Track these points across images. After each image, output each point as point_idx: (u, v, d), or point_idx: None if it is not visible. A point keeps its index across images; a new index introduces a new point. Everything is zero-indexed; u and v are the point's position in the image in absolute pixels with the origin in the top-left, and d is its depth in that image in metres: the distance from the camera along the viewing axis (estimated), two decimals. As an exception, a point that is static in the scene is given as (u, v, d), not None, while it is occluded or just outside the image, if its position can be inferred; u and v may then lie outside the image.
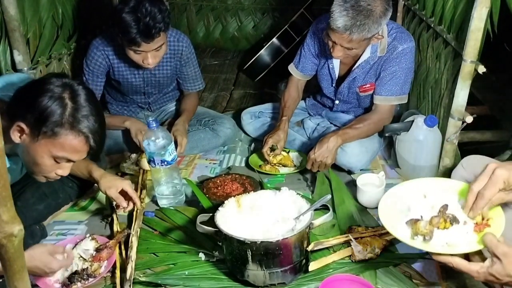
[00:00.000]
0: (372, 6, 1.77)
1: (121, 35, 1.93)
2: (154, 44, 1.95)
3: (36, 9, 2.12)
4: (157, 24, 1.88)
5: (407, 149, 2.03)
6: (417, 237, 1.16)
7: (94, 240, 1.61)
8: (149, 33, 1.88)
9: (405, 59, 2.02)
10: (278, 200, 1.54)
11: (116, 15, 1.91)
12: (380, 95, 2.09)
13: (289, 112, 2.25)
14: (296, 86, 2.31)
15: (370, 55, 2.04)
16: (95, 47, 2.15)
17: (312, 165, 1.99)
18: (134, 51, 1.97)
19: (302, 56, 2.24)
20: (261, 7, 3.86)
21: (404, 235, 1.18)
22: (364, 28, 1.78)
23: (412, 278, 1.49)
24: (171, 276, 1.52)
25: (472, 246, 1.09)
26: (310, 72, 2.27)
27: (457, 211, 1.18)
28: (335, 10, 1.79)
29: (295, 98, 2.30)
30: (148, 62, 2.00)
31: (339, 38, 1.83)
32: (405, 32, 2.05)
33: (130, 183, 1.76)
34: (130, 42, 1.92)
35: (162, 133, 1.80)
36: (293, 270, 1.44)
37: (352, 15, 1.76)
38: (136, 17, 1.86)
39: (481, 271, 1.06)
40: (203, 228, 1.48)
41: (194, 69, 2.38)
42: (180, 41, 2.24)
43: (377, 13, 1.78)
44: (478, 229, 1.13)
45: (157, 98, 2.43)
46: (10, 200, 0.61)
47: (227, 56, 3.82)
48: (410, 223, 1.19)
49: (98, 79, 2.20)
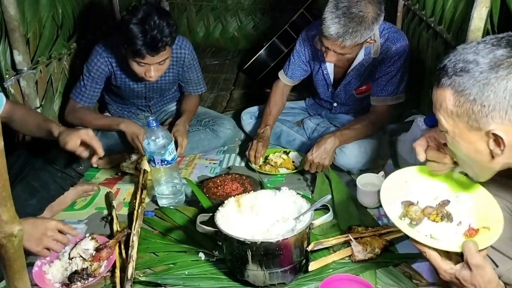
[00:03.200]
0: (364, 13, 1.77)
1: (126, 45, 1.90)
2: (159, 58, 1.93)
3: (36, 9, 2.13)
4: (164, 38, 1.86)
5: (407, 149, 2.02)
6: (405, 219, 1.19)
7: (94, 240, 1.61)
8: (155, 46, 1.86)
9: (399, 58, 2.02)
10: (278, 200, 1.54)
11: (123, 25, 1.88)
12: (377, 96, 2.09)
13: (273, 121, 2.27)
14: (281, 92, 2.32)
15: (364, 57, 2.05)
16: (98, 53, 2.11)
17: (310, 166, 1.99)
18: (138, 63, 1.95)
19: (291, 63, 2.25)
20: (261, 7, 3.86)
21: (394, 212, 1.20)
22: (357, 35, 1.78)
23: (412, 278, 1.49)
24: (171, 276, 1.52)
25: (452, 247, 1.11)
26: (299, 78, 2.28)
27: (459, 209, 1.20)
28: (327, 17, 1.78)
29: (280, 106, 2.32)
30: (150, 75, 1.97)
31: (332, 44, 1.84)
32: (397, 31, 2.05)
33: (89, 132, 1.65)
34: (134, 54, 1.89)
35: (162, 133, 1.81)
36: (293, 270, 1.44)
37: (344, 22, 1.76)
38: (144, 29, 1.83)
39: (449, 272, 1.09)
40: (203, 228, 1.48)
41: (196, 74, 2.37)
42: (183, 48, 2.22)
43: (369, 19, 1.78)
44: (469, 233, 1.15)
45: (157, 101, 2.43)
46: (10, 200, 0.61)
47: (227, 56, 3.82)
48: (404, 204, 1.22)
49: (97, 85, 2.18)
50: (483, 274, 1.05)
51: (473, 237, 1.14)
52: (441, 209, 1.20)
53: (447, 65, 1.03)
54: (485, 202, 1.21)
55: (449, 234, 1.16)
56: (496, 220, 1.15)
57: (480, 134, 1.02)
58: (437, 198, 1.24)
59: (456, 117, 1.03)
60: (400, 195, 1.24)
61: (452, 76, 1.01)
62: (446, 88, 1.03)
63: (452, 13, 1.90)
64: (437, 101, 1.06)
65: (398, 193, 1.25)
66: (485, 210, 1.20)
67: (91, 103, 2.22)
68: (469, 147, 1.06)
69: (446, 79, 1.02)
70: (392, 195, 1.23)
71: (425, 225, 1.18)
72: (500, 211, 1.18)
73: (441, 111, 1.06)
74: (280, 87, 2.31)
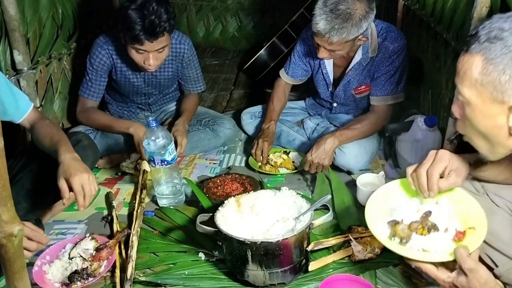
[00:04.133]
0: (351, 10, 1.78)
1: (125, 31, 1.91)
2: (157, 44, 1.94)
3: (36, 9, 2.13)
4: (162, 23, 1.88)
5: (407, 149, 2.03)
6: (395, 239, 1.19)
7: (94, 240, 1.61)
8: (153, 31, 1.88)
9: (397, 58, 2.03)
10: (278, 200, 1.53)
11: (122, 12, 1.90)
12: (376, 95, 2.10)
13: (277, 116, 2.29)
14: (283, 89, 2.34)
15: (362, 56, 2.05)
16: (99, 45, 2.14)
17: (309, 167, 1.99)
18: (137, 50, 1.96)
19: (292, 62, 2.27)
20: (261, 7, 3.86)
21: (383, 235, 1.21)
22: (343, 32, 1.79)
23: (412, 278, 1.48)
24: (171, 276, 1.52)
25: (444, 257, 1.12)
26: (300, 78, 2.30)
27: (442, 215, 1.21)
28: (316, 13, 1.82)
29: (283, 101, 2.34)
30: (149, 63, 1.98)
31: (321, 40, 1.86)
32: (395, 31, 2.06)
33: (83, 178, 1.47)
34: (133, 40, 1.90)
35: (162, 133, 1.80)
36: (293, 270, 1.44)
37: (330, 18, 1.78)
38: (142, 14, 1.86)
39: (447, 281, 1.10)
40: (203, 228, 1.48)
41: (195, 71, 2.38)
42: (182, 43, 2.24)
43: (356, 17, 1.79)
44: (457, 238, 1.16)
45: (157, 99, 2.43)
46: (10, 200, 0.61)
47: (227, 56, 3.82)
48: (391, 224, 1.22)
49: (101, 79, 2.19)
50: (478, 277, 1.06)
51: (462, 240, 1.15)
52: (425, 221, 1.20)
53: (479, 32, 0.98)
54: (464, 203, 1.22)
55: (440, 243, 1.17)
56: (479, 219, 1.17)
57: (502, 108, 0.98)
58: (419, 210, 1.25)
59: (480, 86, 0.99)
60: (384, 215, 1.26)
61: (484, 42, 0.96)
62: (476, 54, 0.98)
63: (452, 13, 1.89)
64: (462, 68, 1.02)
65: (381, 213, 1.26)
66: (466, 211, 1.21)
67: (98, 97, 2.24)
68: (488, 122, 1.02)
69: (477, 45, 0.97)
70: (377, 216, 1.25)
71: (415, 240, 1.18)
72: (480, 208, 1.19)
73: (464, 80, 1.01)
74: (281, 85, 2.33)
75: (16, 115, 1.65)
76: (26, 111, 1.66)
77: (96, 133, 2.24)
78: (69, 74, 2.43)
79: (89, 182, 1.48)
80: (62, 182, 1.46)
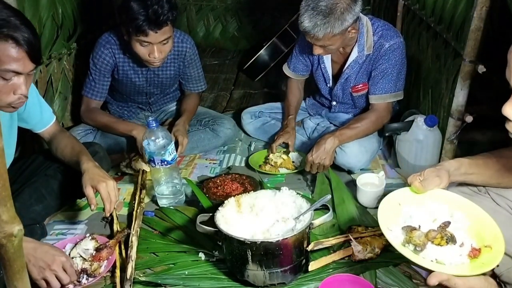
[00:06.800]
0: (332, 5, 1.82)
1: (128, 23, 1.91)
2: (161, 35, 1.94)
3: (36, 9, 2.12)
4: (166, 11, 1.88)
5: (407, 149, 2.03)
6: (409, 245, 1.14)
7: (94, 240, 1.61)
8: (156, 20, 1.88)
9: (393, 55, 2.03)
10: (278, 200, 1.53)
11: (124, 4, 1.91)
12: (375, 94, 2.10)
13: (295, 111, 2.33)
14: (297, 85, 2.38)
15: (358, 54, 2.07)
16: (102, 45, 2.14)
17: (310, 167, 1.99)
18: (141, 43, 1.96)
19: (293, 57, 2.31)
20: (261, 7, 3.86)
21: (396, 240, 1.15)
22: (327, 27, 1.83)
23: (412, 278, 1.49)
24: (171, 276, 1.52)
25: (462, 270, 1.06)
26: (302, 73, 2.33)
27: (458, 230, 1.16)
28: (300, 12, 1.87)
29: (298, 96, 2.38)
30: (154, 56, 1.98)
31: (309, 37, 1.91)
32: (391, 29, 2.07)
33: (110, 185, 1.57)
34: (137, 31, 1.90)
35: (162, 133, 1.80)
36: (293, 270, 1.44)
37: (312, 16, 1.83)
38: (145, 4, 1.87)
39: None
40: (203, 228, 1.48)
41: (197, 70, 2.38)
42: (184, 42, 2.24)
43: (338, 10, 1.82)
44: (473, 254, 1.11)
45: (158, 98, 2.43)
46: (10, 200, 0.61)
47: (227, 56, 3.83)
48: (406, 229, 1.17)
49: (104, 78, 2.20)
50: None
51: (477, 257, 1.10)
52: (444, 231, 1.14)
53: None
54: (481, 220, 1.17)
55: (454, 257, 1.11)
56: (496, 239, 1.11)
57: None
58: (435, 220, 1.19)
59: None
60: (398, 219, 1.20)
61: None
62: None
63: (452, 13, 1.89)
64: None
65: (396, 218, 1.21)
66: (482, 229, 1.16)
67: (102, 97, 2.25)
68: None
69: None
70: (390, 220, 1.19)
71: (429, 250, 1.12)
72: (497, 228, 1.14)
73: None
74: (294, 81, 2.38)
75: (37, 125, 1.70)
76: (48, 123, 1.72)
77: (96, 133, 2.24)
78: (69, 74, 2.43)
79: (114, 189, 1.59)
80: (89, 190, 1.54)
